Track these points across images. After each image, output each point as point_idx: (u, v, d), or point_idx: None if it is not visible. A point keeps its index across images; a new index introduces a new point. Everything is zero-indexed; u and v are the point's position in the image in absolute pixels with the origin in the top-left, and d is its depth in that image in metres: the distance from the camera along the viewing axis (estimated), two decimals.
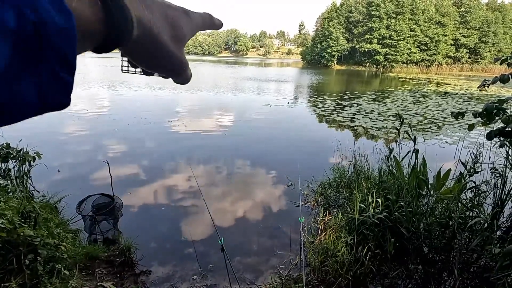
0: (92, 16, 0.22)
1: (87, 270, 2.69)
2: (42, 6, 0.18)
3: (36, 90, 0.19)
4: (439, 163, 3.37)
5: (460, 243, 2.41)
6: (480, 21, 56.11)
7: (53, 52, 0.19)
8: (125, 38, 0.25)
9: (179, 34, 0.31)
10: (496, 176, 2.52)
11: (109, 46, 0.25)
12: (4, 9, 0.16)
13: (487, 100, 2.12)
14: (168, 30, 0.30)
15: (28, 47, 0.18)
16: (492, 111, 2.05)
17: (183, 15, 0.33)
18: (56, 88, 0.20)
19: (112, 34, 0.24)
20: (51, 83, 0.20)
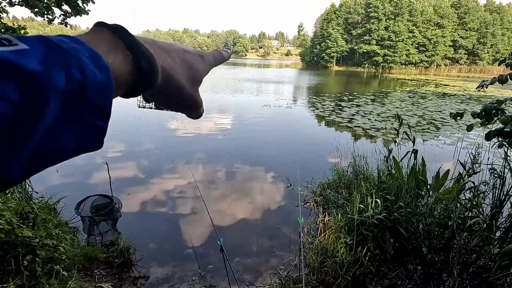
0: (125, 69, 0.25)
1: (85, 271, 2.68)
2: (87, 66, 0.20)
3: (76, 138, 0.21)
4: (438, 163, 3.38)
5: (459, 243, 2.41)
6: (478, 23, 56.31)
7: (93, 105, 0.21)
8: (151, 86, 0.28)
9: (196, 76, 0.34)
10: (495, 177, 2.52)
11: (136, 93, 0.28)
12: (56, 71, 0.19)
13: (486, 101, 2.12)
14: (186, 73, 0.32)
15: (73, 102, 0.20)
16: (491, 111, 2.06)
17: (198, 58, 0.35)
18: (93, 135, 0.23)
19: (141, 83, 0.27)
20: (89, 131, 0.22)
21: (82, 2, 4.97)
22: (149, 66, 0.27)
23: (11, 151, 0.18)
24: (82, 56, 0.21)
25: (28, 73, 0.18)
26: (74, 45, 0.21)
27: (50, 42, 0.20)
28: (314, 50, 63.65)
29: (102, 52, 0.23)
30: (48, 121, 0.19)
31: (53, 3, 4.83)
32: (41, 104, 0.18)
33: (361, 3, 60.40)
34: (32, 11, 4.66)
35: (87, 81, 0.20)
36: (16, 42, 0.19)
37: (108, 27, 0.26)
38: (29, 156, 0.19)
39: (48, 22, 5.04)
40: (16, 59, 0.18)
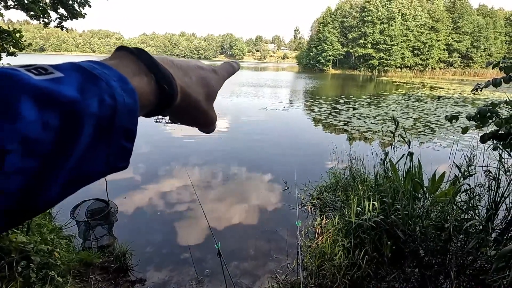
0: (148, 91, 0.26)
1: (81, 276, 2.65)
2: (116, 91, 0.22)
3: (105, 159, 0.22)
4: (434, 166, 3.41)
5: (456, 245, 2.42)
6: (472, 27, 57.11)
7: (122, 128, 0.22)
8: (171, 105, 0.29)
9: (210, 92, 0.35)
10: (490, 179, 2.54)
11: (157, 112, 0.29)
12: (90, 97, 0.20)
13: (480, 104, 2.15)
14: (202, 90, 0.33)
15: (104, 126, 0.21)
16: (485, 114, 2.08)
17: (212, 73, 0.36)
18: (120, 155, 0.24)
19: (162, 103, 0.28)
20: (117, 152, 0.23)
21: (78, 6, 4.95)
22: (170, 86, 0.28)
23: (51, 174, 0.19)
24: (111, 81, 0.22)
25: (66, 101, 0.19)
26: (104, 70, 0.22)
27: (83, 69, 0.21)
28: (311, 53, 64.05)
29: (128, 76, 0.24)
30: (82, 145, 0.20)
31: (49, 7, 4.81)
32: (77, 129, 0.19)
33: (357, 7, 61.03)
34: (28, 14, 4.64)
35: (117, 105, 0.22)
36: (52, 71, 0.20)
37: (129, 51, 0.27)
38: (66, 179, 0.20)
39: (44, 25, 5.02)
40: (55, 88, 0.19)
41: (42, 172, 0.18)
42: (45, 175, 0.19)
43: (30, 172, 0.18)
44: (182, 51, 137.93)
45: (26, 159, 0.17)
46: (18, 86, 0.18)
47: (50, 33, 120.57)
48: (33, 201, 0.19)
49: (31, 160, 0.18)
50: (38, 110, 0.18)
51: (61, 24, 5.19)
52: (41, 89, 0.18)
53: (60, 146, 0.19)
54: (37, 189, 0.19)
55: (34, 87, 0.18)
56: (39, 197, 0.19)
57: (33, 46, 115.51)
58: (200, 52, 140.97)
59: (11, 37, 4.26)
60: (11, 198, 0.18)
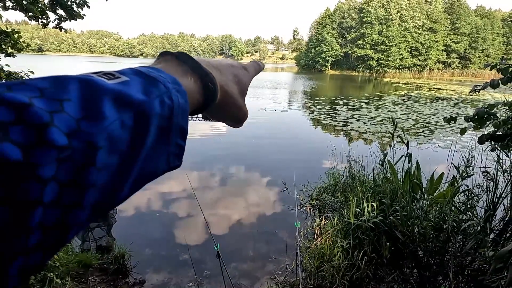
0: (195, 91, 0.28)
1: (80, 278, 2.64)
2: (173, 93, 0.23)
3: (166, 158, 0.24)
4: (432, 166, 3.42)
5: (454, 246, 2.43)
6: (470, 28, 57.35)
7: (177, 126, 0.24)
8: (213, 102, 0.30)
9: (243, 89, 0.36)
10: (488, 180, 2.56)
11: (202, 110, 0.30)
12: (154, 98, 0.22)
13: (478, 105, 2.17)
14: (236, 87, 0.35)
15: (164, 125, 0.23)
16: (483, 115, 2.09)
17: (243, 70, 0.38)
18: (176, 153, 0.25)
19: (206, 101, 0.30)
20: (174, 150, 0.25)
21: (77, 7, 4.95)
22: (213, 84, 0.29)
23: (126, 171, 0.21)
24: (167, 83, 0.24)
25: (137, 102, 0.21)
26: (159, 74, 0.24)
27: (142, 73, 0.23)
28: (309, 54, 64.16)
29: (178, 78, 0.26)
30: (149, 143, 0.22)
31: (48, 8, 4.80)
32: (146, 128, 0.21)
33: (355, 8, 61.19)
34: (26, 15, 4.63)
35: (173, 105, 0.23)
36: (118, 75, 0.22)
37: (173, 55, 0.29)
38: (136, 176, 0.22)
39: (42, 26, 5.01)
40: (127, 90, 0.21)
41: (120, 168, 0.20)
42: (122, 172, 0.20)
43: (112, 168, 0.19)
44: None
45: (110, 155, 0.19)
46: (100, 90, 0.19)
47: (49, 33, 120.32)
48: (112, 196, 0.20)
49: (113, 157, 0.19)
50: (117, 110, 0.19)
51: (59, 25, 5.19)
52: (117, 92, 0.20)
53: (134, 144, 0.20)
54: (116, 184, 0.20)
55: (111, 90, 0.20)
56: (116, 193, 0.20)
57: (32, 46, 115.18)
58: (198, 53, 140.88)
59: (9, 38, 4.25)
60: (99, 192, 0.19)
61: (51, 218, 0.17)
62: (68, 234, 0.18)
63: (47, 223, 0.17)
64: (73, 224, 0.18)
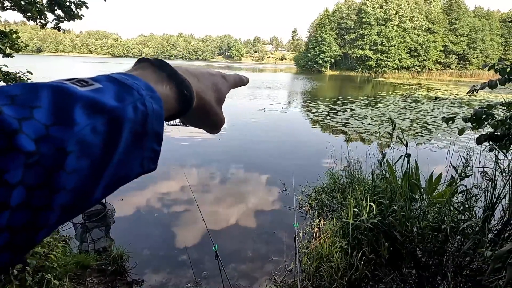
0: (170, 97, 0.29)
1: (78, 279, 2.63)
2: (147, 99, 0.24)
3: (140, 162, 0.25)
4: (431, 167, 3.42)
5: (452, 246, 2.43)
6: (468, 28, 57.50)
7: (152, 131, 0.25)
8: (188, 109, 0.31)
9: (220, 97, 0.37)
10: (487, 180, 2.56)
11: (177, 116, 0.31)
12: (127, 105, 0.22)
13: (476, 105, 2.18)
14: (213, 94, 0.36)
15: (138, 130, 0.23)
16: (481, 116, 2.09)
17: (222, 79, 0.39)
18: (151, 157, 0.26)
19: (182, 107, 0.30)
20: (149, 154, 0.26)
21: (75, 7, 4.94)
22: (188, 91, 0.30)
23: (98, 175, 0.21)
24: (141, 90, 0.24)
25: (109, 108, 0.21)
26: (134, 81, 0.25)
27: (116, 80, 0.24)
28: (308, 54, 64.20)
29: (152, 84, 0.26)
30: (122, 148, 0.22)
31: (46, 8, 4.79)
32: (119, 134, 0.22)
33: (354, 8, 61.30)
34: (25, 15, 4.62)
35: (147, 111, 0.24)
36: (91, 82, 0.22)
37: (150, 62, 0.30)
38: (109, 179, 0.22)
39: (41, 26, 5.00)
40: (99, 97, 0.21)
41: (92, 172, 0.21)
42: (93, 175, 0.21)
43: (83, 172, 0.20)
44: (180, 52, 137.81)
45: (80, 160, 0.20)
46: (71, 97, 0.20)
47: (47, 34, 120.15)
48: (84, 198, 0.21)
49: (84, 161, 0.20)
50: (88, 117, 0.20)
51: (58, 25, 5.17)
52: (89, 99, 0.21)
53: (106, 149, 0.21)
54: (87, 188, 0.21)
55: (83, 97, 0.20)
56: (88, 195, 0.21)
57: (30, 47, 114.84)
58: (198, 53, 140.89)
59: (7, 38, 4.24)
60: (70, 195, 0.20)
61: (19, 220, 0.17)
62: (37, 235, 0.19)
63: (15, 224, 0.17)
64: (42, 226, 0.19)
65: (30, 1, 4.51)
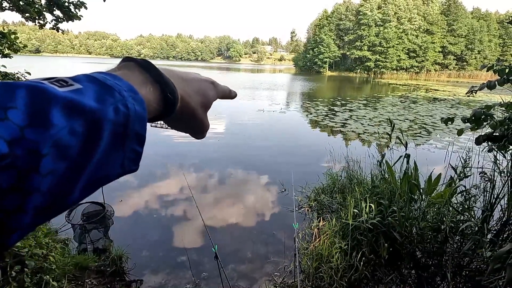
0: (153, 99, 0.28)
1: (76, 281, 2.62)
2: (129, 101, 0.24)
3: (120, 162, 0.25)
4: (430, 167, 3.43)
5: (452, 247, 2.44)
6: (466, 29, 57.72)
7: (133, 133, 0.25)
8: (172, 112, 0.31)
9: (206, 102, 0.37)
10: (485, 180, 2.57)
11: (160, 118, 0.31)
12: (107, 106, 0.22)
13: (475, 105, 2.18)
14: (200, 99, 0.36)
15: (119, 132, 0.23)
16: (480, 116, 2.10)
17: (210, 85, 0.39)
18: (132, 158, 0.26)
19: (165, 110, 0.30)
20: (130, 155, 0.25)
21: (74, 8, 4.94)
22: (172, 95, 0.30)
23: (77, 176, 0.21)
24: (123, 91, 0.24)
25: (88, 110, 0.21)
26: (116, 81, 0.25)
27: (97, 80, 0.24)
28: (307, 55, 64.30)
29: (136, 86, 0.26)
30: (102, 149, 0.22)
31: (45, 8, 4.78)
32: (98, 135, 0.22)
33: (352, 10, 61.47)
34: (23, 16, 4.61)
35: (129, 113, 0.24)
36: (71, 83, 0.22)
37: (136, 62, 0.30)
38: (88, 179, 0.22)
39: (39, 27, 4.99)
40: (78, 98, 0.21)
41: (69, 174, 0.20)
42: (71, 177, 0.21)
43: (59, 173, 0.20)
44: (179, 53, 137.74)
45: (57, 162, 0.19)
46: (48, 98, 0.20)
47: (46, 34, 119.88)
48: (61, 200, 0.21)
49: (61, 163, 0.20)
50: (66, 118, 0.20)
51: (56, 26, 5.17)
52: (67, 100, 0.20)
53: (84, 150, 0.21)
54: (64, 188, 0.21)
55: (61, 98, 0.20)
56: (65, 196, 0.21)
57: (29, 47, 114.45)
58: (197, 54, 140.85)
59: (6, 39, 4.23)
60: (45, 197, 0.19)
61: None
62: (9, 238, 0.19)
63: None
64: (15, 228, 0.19)
65: (28, 1, 4.50)
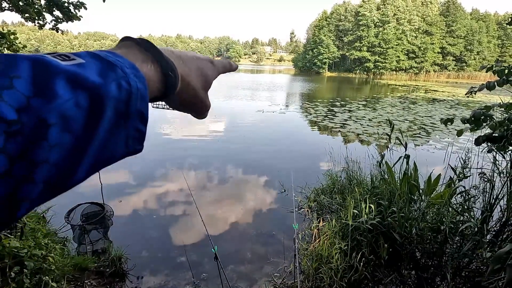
0: (155, 78, 0.28)
1: (76, 281, 2.61)
2: (131, 78, 0.24)
3: (125, 141, 0.25)
4: (430, 168, 3.43)
5: (451, 247, 2.44)
6: (465, 30, 57.85)
7: (136, 111, 0.24)
8: (173, 92, 0.31)
9: (207, 82, 0.37)
10: (485, 181, 2.57)
11: (161, 98, 0.31)
12: (110, 82, 0.22)
13: (474, 106, 2.19)
14: (199, 79, 0.35)
15: (122, 108, 0.23)
16: (480, 117, 2.10)
17: (209, 64, 0.38)
18: (136, 138, 0.25)
19: (166, 90, 0.30)
20: (133, 134, 0.25)
21: (74, 8, 4.93)
22: (173, 74, 0.30)
23: (82, 153, 0.21)
24: (125, 68, 0.24)
25: (92, 84, 0.21)
26: (117, 58, 0.24)
27: (99, 57, 0.23)
28: (307, 56, 64.38)
29: (137, 64, 0.26)
30: (105, 125, 0.22)
31: (44, 9, 4.78)
32: (102, 110, 0.21)
33: (351, 11, 61.57)
34: (23, 16, 4.61)
35: (131, 90, 0.23)
36: (73, 57, 0.22)
37: (135, 42, 0.29)
38: (92, 157, 0.22)
39: (39, 27, 4.98)
40: (82, 72, 0.21)
41: (75, 147, 0.20)
42: (76, 151, 0.21)
43: (65, 146, 0.20)
44: None
45: (63, 133, 0.19)
46: (52, 70, 0.19)
47: (45, 35, 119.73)
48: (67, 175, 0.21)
49: (67, 135, 0.20)
50: (71, 91, 0.20)
51: (56, 26, 5.16)
52: (71, 73, 0.20)
53: (89, 125, 0.21)
54: (71, 164, 0.21)
55: (65, 71, 0.20)
56: (71, 172, 0.21)
57: (28, 48, 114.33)
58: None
59: (5, 39, 4.22)
60: (52, 170, 0.19)
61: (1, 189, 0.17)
62: (18, 208, 0.19)
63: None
64: (24, 198, 0.19)
65: (28, 2, 4.50)
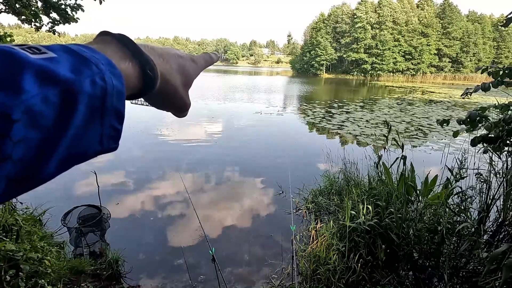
0: (133, 76, 0.28)
1: (72, 285, 2.59)
2: (107, 74, 0.23)
3: (98, 139, 0.24)
4: (426, 169, 3.44)
5: (449, 248, 2.45)
6: (461, 32, 58.38)
7: (111, 108, 0.24)
8: (152, 90, 0.30)
9: (188, 80, 0.37)
10: (481, 181, 2.59)
11: (139, 96, 0.31)
12: (84, 78, 0.21)
13: (470, 107, 2.20)
14: (180, 77, 0.35)
15: (96, 106, 0.22)
16: (475, 118, 2.12)
17: (190, 62, 0.38)
18: (111, 135, 0.25)
19: (145, 87, 0.30)
20: (108, 132, 0.24)
21: (71, 10, 4.93)
22: (152, 72, 0.29)
23: (51, 147, 0.21)
24: (100, 64, 0.23)
25: (63, 79, 0.20)
26: (93, 54, 0.24)
27: (73, 51, 0.23)
28: (304, 58, 64.56)
29: (114, 60, 0.25)
30: (78, 122, 0.21)
31: (41, 11, 4.77)
32: (73, 107, 0.21)
33: (348, 13, 61.92)
34: (19, 18, 4.59)
35: (107, 87, 0.23)
36: (44, 51, 0.21)
37: (114, 37, 0.29)
38: (63, 154, 0.22)
39: (35, 29, 4.97)
40: (52, 67, 0.20)
41: (43, 144, 0.20)
42: (45, 147, 0.20)
43: (32, 142, 0.19)
44: None
45: (29, 129, 0.19)
46: (20, 63, 0.19)
47: (42, 37, 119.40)
48: (34, 172, 0.20)
49: (33, 132, 0.19)
50: (39, 86, 0.19)
51: (53, 29, 5.15)
52: (41, 67, 0.19)
53: (58, 121, 0.20)
54: (38, 160, 0.20)
55: (33, 64, 0.19)
56: (39, 168, 0.20)
57: None
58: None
59: (1, 41, 4.20)
60: (16, 166, 0.19)
61: None
62: None
63: None
64: None
65: (24, 4, 4.49)
